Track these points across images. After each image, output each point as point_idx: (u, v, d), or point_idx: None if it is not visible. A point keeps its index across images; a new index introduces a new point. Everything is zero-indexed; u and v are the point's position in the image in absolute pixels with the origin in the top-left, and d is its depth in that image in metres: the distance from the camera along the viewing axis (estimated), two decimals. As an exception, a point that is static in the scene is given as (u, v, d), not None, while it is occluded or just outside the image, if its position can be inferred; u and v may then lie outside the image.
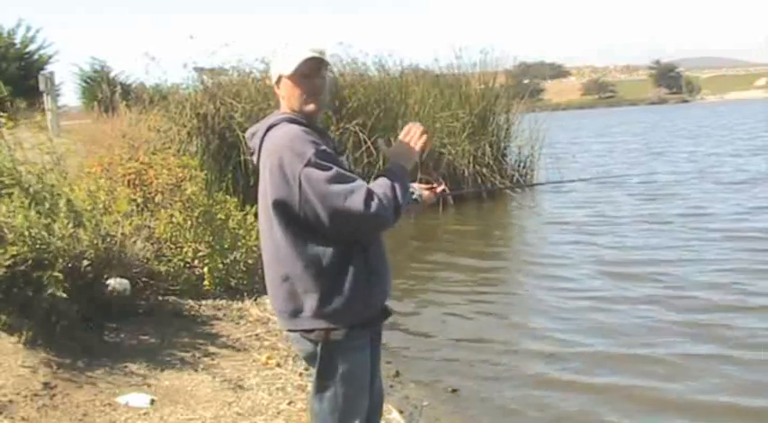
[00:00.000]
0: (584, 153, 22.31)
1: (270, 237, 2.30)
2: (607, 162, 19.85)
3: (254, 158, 2.40)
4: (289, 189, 2.19)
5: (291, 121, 2.31)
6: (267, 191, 2.26)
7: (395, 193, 2.24)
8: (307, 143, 2.21)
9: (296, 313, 2.29)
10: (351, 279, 2.26)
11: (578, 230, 9.98)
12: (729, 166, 16.82)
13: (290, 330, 2.39)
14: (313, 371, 2.39)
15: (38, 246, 4.15)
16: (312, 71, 2.31)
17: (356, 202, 2.15)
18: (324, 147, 2.23)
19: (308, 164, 2.17)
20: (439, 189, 2.64)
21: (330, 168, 2.19)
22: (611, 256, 8.20)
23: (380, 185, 2.25)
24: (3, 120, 5.30)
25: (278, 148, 2.23)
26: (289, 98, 2.35)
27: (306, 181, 2.16)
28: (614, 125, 45.52)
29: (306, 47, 2.31)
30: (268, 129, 2.32)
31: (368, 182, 2.28)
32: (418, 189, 2.68)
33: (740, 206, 10.98)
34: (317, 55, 2.29)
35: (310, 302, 2.26)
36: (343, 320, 2.28)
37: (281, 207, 2.22)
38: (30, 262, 4.09)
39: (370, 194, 2.18)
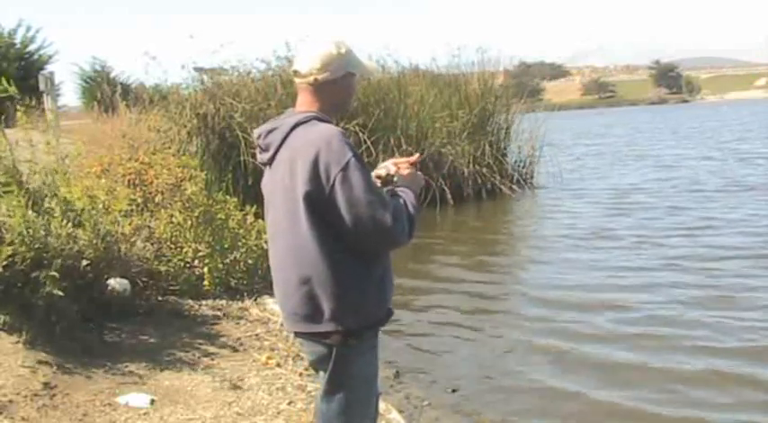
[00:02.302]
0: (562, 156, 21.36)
1: (292, 236, 2.24)
2: (580, 167, 19.17)
3: (266, 155, 2.34)
4: (320, 187, 2.16)
5: (321, 120, 2.28)
6: (296, 186, 2.20)
7: (411, 217, 2.27)
8: (345, 145, 2.19)
9: (314, 316, 2.25)
10: (369, 281, 2.26)
11: (574, 236, 9.93)
12: (706, 171, 16.27)
13: (304, 333, 2.34)
14: (321, 373, 2.37)
15: (36, 245, 4.15)
16: None
17: (386, 216, 2.16)
18: (357, 152, 2.22)
19: (347, 167, 2.15)
20: (414, 158, 2.52)
21: (366, 176, 2.18)
22: (603, 265, 8.04)
23: (401, 207, 2.27)
24: (18, 114, 5.31)
25: (314, 143, 2.18)
26: (343, 95, 2.36)
27: (340, 184, 2.14)
28: (606, 126, 45.19)
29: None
30: (295, 125, 2.27)
31: None
32: (392, 168, 2.46)
33: (704, 219, 10.32)
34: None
35: (330, 305, 2.22)
36: (360, 323, 2.27)
37: (312, 202, 2.18)
38: (28, 261, 4.09)
39: (397, 211, 2.20)
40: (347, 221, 2.15)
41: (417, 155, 2.58)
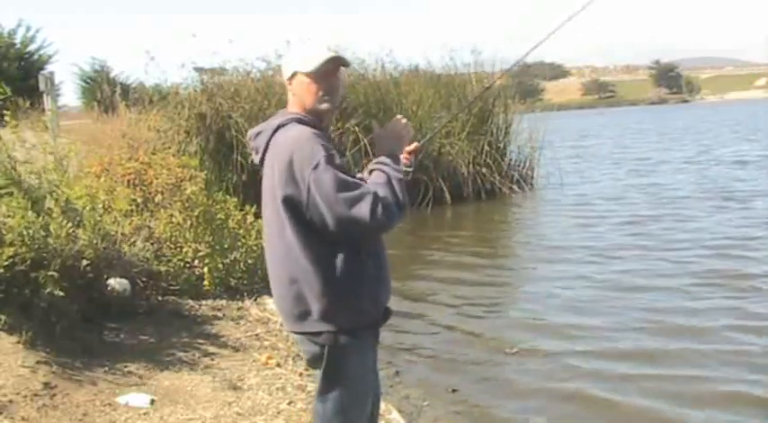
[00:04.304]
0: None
1: (280, 237, 2.27)
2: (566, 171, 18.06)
3: (257, 158, 2.38)
4: (297, 190, 2.18)
5: (300, 121, 2.30)
6: (276, 190, 2.24)
7: (395, 193, 2.24)
8: (317, 146, 2.19)
9: (304, 316, 2.27)
10: (359, 281, 2.26)
11: (572, 235, 9.95)
12: (687, 178, 15.61)
13: (297, 333, 2.37)
14: (317, 373, 2.38)
15: (36, 246, 4.15)
16: (331, 70, 2.31)
17: (363, 211, 2.15)
18: (333, 151, 2.22)
19: (317, 167, 2.16)
20: (413, 146, 2.56)
21: (338, 174, 2.18)
22: (600, 268, 8.04)
23: (382, 186, 2.24)
24: (6, 119, 5.31)
25: (287, 148, 2.21)
26: (303, 95, 2.34)
27: (314, 184, 2.16)
28: (602, 126, 45.02)
29: (324, 46, 2.33)
30: (276, 128, 2.30)
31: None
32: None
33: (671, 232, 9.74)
34: (338, 55, 2.30)
35: (319, 305, 2.24)
36: (351, 323, 2.28)
37: (291, 206, 2.21)
38: (28, 262, 4.09)
39: (375, 201, 2.18)
40: (327, 219, 2.17)
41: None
